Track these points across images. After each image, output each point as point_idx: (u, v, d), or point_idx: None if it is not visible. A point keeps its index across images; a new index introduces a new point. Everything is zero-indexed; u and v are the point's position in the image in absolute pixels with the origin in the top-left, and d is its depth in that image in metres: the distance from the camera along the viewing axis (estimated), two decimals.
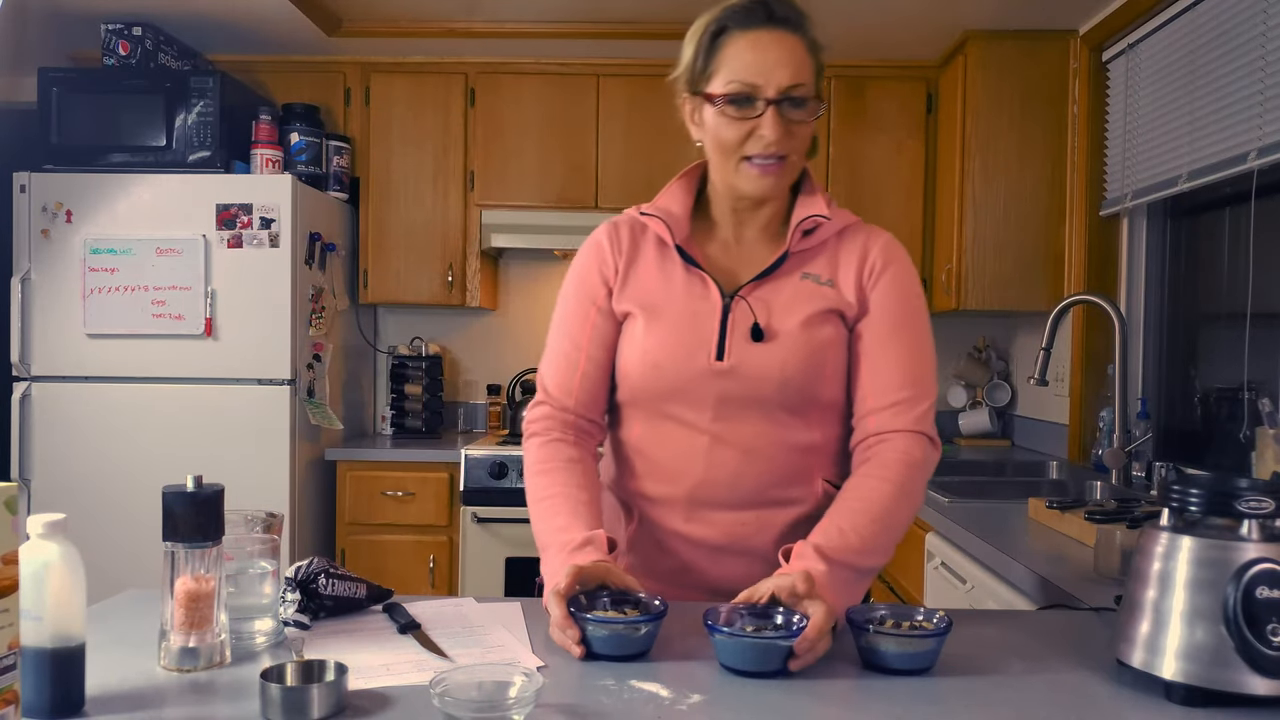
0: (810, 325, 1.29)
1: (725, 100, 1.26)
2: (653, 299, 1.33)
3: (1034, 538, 1.90)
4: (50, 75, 3.13)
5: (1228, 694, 0.92)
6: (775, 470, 1.31)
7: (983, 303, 3.18)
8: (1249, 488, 0.95)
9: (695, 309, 1.31)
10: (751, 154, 1.27)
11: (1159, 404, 2.85)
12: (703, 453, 1.31)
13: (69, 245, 3.05)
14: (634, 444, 1.37)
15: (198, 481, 1.02)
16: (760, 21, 1.26)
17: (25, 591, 0.87)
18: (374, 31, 3.34)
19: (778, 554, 1.23)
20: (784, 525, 1.32)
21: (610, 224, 1.40)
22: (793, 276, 1.32)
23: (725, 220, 1.37)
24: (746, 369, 1.29)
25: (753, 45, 1.26)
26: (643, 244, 1.37)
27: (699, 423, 1.31)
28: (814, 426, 1.32)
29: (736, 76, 1.25)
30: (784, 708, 0.93)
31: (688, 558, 1.34)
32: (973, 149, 3.17)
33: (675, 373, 1.30)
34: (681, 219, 1.34)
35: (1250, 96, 2.27)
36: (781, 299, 1.31)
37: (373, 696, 0.95)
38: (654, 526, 1.35)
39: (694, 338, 1.30)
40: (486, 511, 3.18)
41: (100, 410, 3.05)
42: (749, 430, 1.30)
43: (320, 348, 3.29)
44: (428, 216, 3.56)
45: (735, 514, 1.32)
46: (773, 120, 1.25)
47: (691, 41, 1.31)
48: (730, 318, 1.30)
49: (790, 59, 1.26)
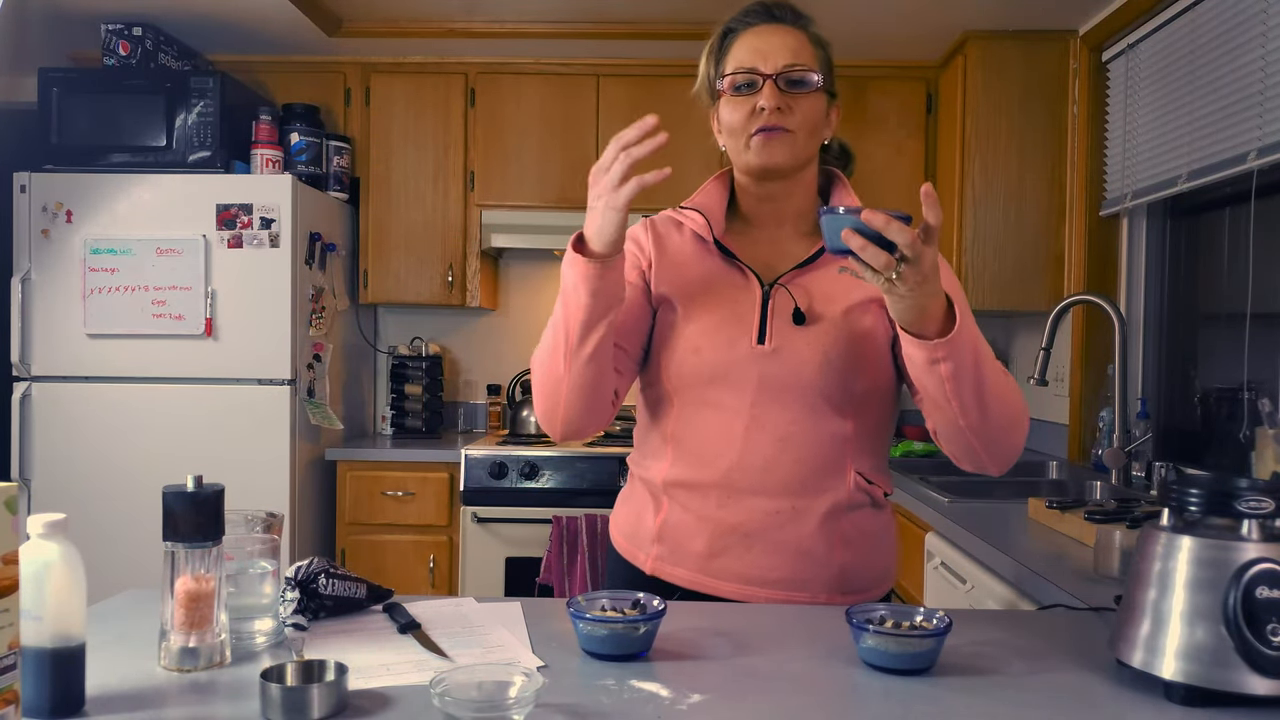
0: (852, 313, 1.32)
1: (731, 86, 1.33)
2: (691, 289, 1.36)
3: (1034, 538, 1.90)
4: (50, 75, 3.13)
5: (1227, 694, 0.92)
6: (809, 458, 1.32)
7: (982, 303, 3.18)
8: (1249, 488, 0.95)
9: (735, 297, 1.35)
10: (755, 128, 1.31)
11: (1159, 404, 2.85)
12: (739, 436, 1.32)
13: (69, 245, 3.05)
14: (669, 433, 1.38)
15: (198, 481, 1.02)
16: (761, 19, 1.36)
17: (25, 591, 0.87)
18: (374, 31, 3.34)
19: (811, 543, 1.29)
20: (817, 516, 1.33)
21: (645, 219, 1.44)
22: (831, 268, 1.34)
23: (757, 216, 1.41)
24: (789, 352, 1.31)
25: (754, 36, 1.35)
26: (679, 238, 1.41)
27: (738, 407, 1.32)
28: (849, 417, 1.34)
29: (740, 64, 1.33)
30: (784, 708, 0.93)
31: (719, 545, 1.34)
32: (973, 149, 3.17)
33: (717, 357, 1.32)
34: (718, 214, 1.39)
35: (1250, 96, 2.27)
36: (821, 287, 1.34)
37: (373, 696, 0.95)
38: (686, 512, 1.36)
39: (735, 323, 1.33)
40: (486, 511, 3.18)
41: (100, 410, 3.06)
42: (786, 417, 1.32)
43: (320, 348, 3.29)
44: (428, 216, 3.56)
45: (768, 500, 1.33)
46: (770, 91, 1.30)
47: (705, 55, 1.41)
48: (771, 304, 1.33)
49: (789, 44, 1.33)
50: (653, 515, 1.40)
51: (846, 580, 1.36)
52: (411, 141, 3.55)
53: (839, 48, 1.49)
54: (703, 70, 1.40)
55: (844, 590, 1.36)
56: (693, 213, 1.40)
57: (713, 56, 1.38)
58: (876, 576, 1.41)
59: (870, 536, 1.38)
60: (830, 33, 1.45)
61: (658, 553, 1.38)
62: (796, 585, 1.34)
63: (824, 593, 1.35)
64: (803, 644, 1.12)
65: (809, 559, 1.34)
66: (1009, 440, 1.24)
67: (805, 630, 1.17)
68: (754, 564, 1.33)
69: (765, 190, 1.38)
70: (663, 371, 1.37)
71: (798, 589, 1.34)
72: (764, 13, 1.36)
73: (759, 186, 1.38)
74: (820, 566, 1.34)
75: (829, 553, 1.34)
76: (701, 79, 1.41)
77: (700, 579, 1.35)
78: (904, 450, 3.28)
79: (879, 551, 1.40)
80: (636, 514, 1.43)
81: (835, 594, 1.36)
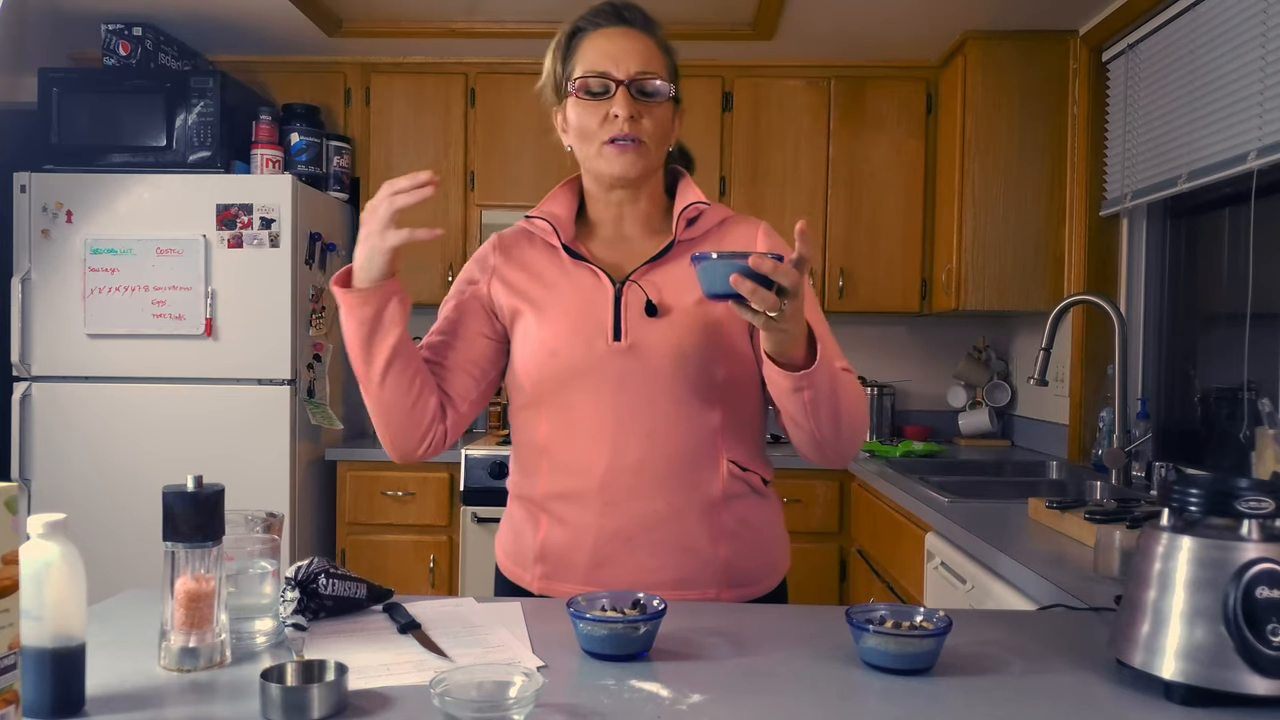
0: (704, 303, 1.33)
1: (581, 89, 1.34)
2: (543, 295, 1.38)
3: (1034, 538, 1.90)
4: (50, 75, 3.13)
5: (1227, 694, 0.92)
6: (678, 452, 1.34)
7: (982, 303, 3.18)
8: (1249, 488, 0.95)
9: (587, 297, 1.36)
10: (609, 136, 1.33)
11: (1159, 404, 2.85)
12: (609, 439, 1.33)
13: (69, 245, 3.05)
14: (540, 444, 1.38)
15: (198, 481, 1.02)
16: (611, 21, 1.37)
17: (25, 591, 0.87)
18: (374, 32, 3.34)
19: (692, 541, 1.32)
20: (695, 510, 1.34)
21: (498, 234, 1.48)
22: (681, 262, 1.37)
23: (605, 219, 1.43)
24: (645, 346, 1.33)
25: (604, 39, 1.36)
26: (529, 249, 1.43)
27: (602, 408, 1.33)
28: (715, 406, 1.35)
29: (590, 66, 1.34)
30: (783, 708, 0.93)
31: (604, 553, 1.35)
32: (972, 149, 3.17)
33: (573, 357, 1.34)
34: (566, 220, 1.41)
35: (1250, 96, 2.27)
36: (672, 281, 1.36)
37: (373, 696, 0.95)
38: (567, 525, 1.36)
39: (589, 323, 1.34)
40: (486, 511, 3.18)
41: (100, 410, 3.06)
42: (651, 411, 1.33)
43: (320, 348, 3.29)
44: (428, 216, 3.55)
45: (645, 500, 1.33)
46: (624, 99, 1.32)
47: (550, 52, 1.41)
48: (623, 300, 1.35)
49: (640, 50, 1.35)
50: (532, 534, 1.40)
51: (734, 574, 1.37)
52: (411, 141, 3.55)
53: (839, 47, 1.50)
54: (548, 67, 1.41)
55: (732, 584, 1.37)
56: (540, 221, 1.41)
57: (559, 54, 1.39)
58: (765, 568, 1.41)
59: (753, 527, 1.39)
60: (830, 33, 1.45)
61: (542, 571, 1.38)
62: (684, 584, 1.34)
63: (713, 588, 1.36)
64: (803, 644, 1.12)
65: (692, 555, 1.34)
66: (855, 446, 1.34)
67: (805, 630, 1.17)
68: (639, 567, 1.34)
69: (614, 196, 1.41)
70: (525, 379, 1.38)
71: (685, 587, 1.34)
72: (614, 15, 1.36)
73: (608, 193, 1.41)
74: (705, 562, 1.35)
75: (712, 547, 1.35)
76: (547, 76, 1.41)
77: (589, 589, 1.32)
78: (904, 450, 3.28)
79: (765, 541, 1.41)
80: (517, 534, 1.43)
81: (724, 588, 1.36)
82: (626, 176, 1.36)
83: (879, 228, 3.51)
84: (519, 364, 1.38)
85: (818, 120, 3.51)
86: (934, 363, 3.84)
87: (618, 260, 1.40)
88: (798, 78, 3.48)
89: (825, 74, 3.47)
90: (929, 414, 3.83)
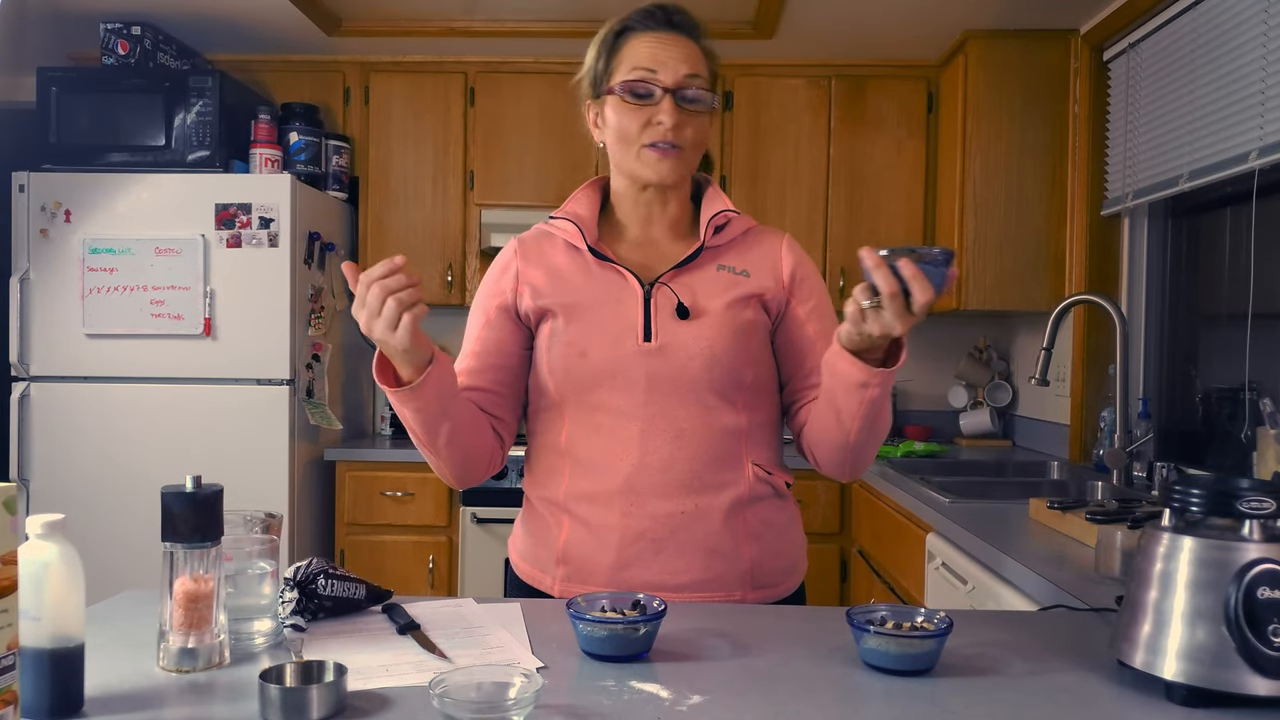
0: (733, 307, 1.35)
1: (626, 90, 1.33)
2: (571, 296, 1.37)
3: (1035, 538, 1.89)
4: (49, 75, 3.12)
5: (1228, 694, 0.91)
6: (705, 454, 1.33)
7: (983, 303, 3.18)
8: (1250, 488, 0.95)
9: (617, 297, 1.35)
10: (650, 141, 1.33)
11: (1160, 404, 2.85)
12: (636, 439, 1.33)
13: (68, 245, 3.05)
14: (564, 447, 1.37)
15: (197, 481, 1.02)
16: (660, 24, 1.36)
17: (24, 592, 0.87)
18: (374, 31, 3.34)
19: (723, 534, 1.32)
20: (720, 512, 1.34)
21: (516, 238, 1.46)
22: (709, 268, 1.38)
23: (632, 221, 1.43)
24: (675, 347, 1.33)
25: (652, 42, 1.35)
26: (551, 252, 1.41)
27: (630, 409, 1.33)
28: (740, 410, 1.36)
29: (638, 65, 1.33)
30: (784, 708, 0.93)
31: (629, 554, 1.34)
32: (973, 149, 3.17)
33: (603, 358, 1.33)
34: (590, 221, 1.40)
35: (1251, 96, 2.27)
36: (702, 285, 1.36)
37: (372, 697, 0.94)
38: (590, 527, 1.35)
39: (619, 323, 1.34)
40: (486, 512, 3.18)
41: (99, 410, 3.05)
42: (679, 413, 1.33)
43: (319, 348, 3.28)
44: (427, 216, 3.55)
45: (671, 501, 1.33)
46: (670, 107, 1.32)
47: (595, 46, 1.41)
48: (653, 302, 1.35)
49: (687, 56, 1.34)
50: (555, 536, 1.38)
51: (757, 575, 1.37)
52: (411, 141, 3.55)
53: (839, 47, 1.50)
54: (590, 62, 1.40)
55: (756, 585, 1.37)
56: (563, 222, 1.40)
57: (604, 51, 1.38)
58: (786, 569, 1.41)
59: (776, 529, 1.39)
60: (830, 32, 1.45)
61: (565, 573, 1.37)
62: (709, 586, 1.34)
63: (737, 590, 1.35)
64: (803, 644, 1.12)
65: (717, 556, 1.34)
66: (872, 457, 1.36)
67: (805, 630, 1.17)
68: (663, 569, 1.33)
69: (645, 196, 1.40)
70: (551, 381, 1.36)
71: (710, 589, 1.34)
72: (664, 19, 1.35)
73: (640, 194, 1.40)
74: (730, 563, 1.35)
75: (736, 548, 1.35)
76: (588, 70, 1.40)
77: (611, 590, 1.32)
78: (905, 450, 3.28)
79: (786, 543, 1.42)
80: (537, 537, 1.42)
81: (748, 590, 1.36)
82: (664, 182, 1.36)
83: (880, 227, 3.51)
84: (545, 366, 1.37)
85: (818, 119, 3.50)
86: (935, 363, 3.84)
87: (644, 261, 1.39)
88: (798, 77, 3.48)
89: (826, 73, 3.47)
90: (930, 414, 3.83)
